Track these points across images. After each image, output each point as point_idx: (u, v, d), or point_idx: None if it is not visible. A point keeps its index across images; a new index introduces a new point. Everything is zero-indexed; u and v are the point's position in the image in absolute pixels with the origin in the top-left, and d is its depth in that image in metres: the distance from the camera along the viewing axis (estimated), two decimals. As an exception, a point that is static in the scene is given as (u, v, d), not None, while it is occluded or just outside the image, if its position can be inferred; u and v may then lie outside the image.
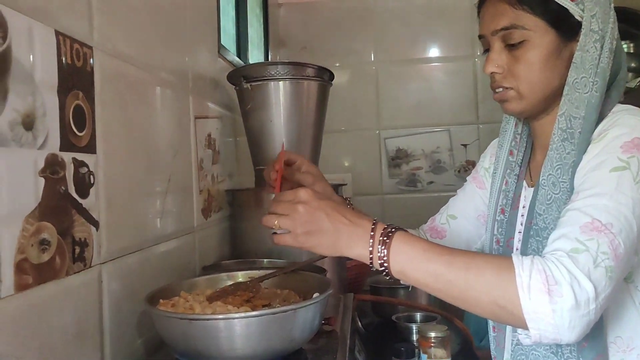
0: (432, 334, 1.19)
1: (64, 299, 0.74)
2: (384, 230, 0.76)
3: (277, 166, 0.95)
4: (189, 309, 0.88)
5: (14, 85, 0.64)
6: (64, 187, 0.74)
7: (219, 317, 0.79)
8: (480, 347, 1.59)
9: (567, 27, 0.85)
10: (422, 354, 1.19)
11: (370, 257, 0.76)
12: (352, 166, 2.69)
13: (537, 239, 0.86)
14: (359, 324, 1.47)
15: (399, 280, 0.77)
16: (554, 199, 0.84)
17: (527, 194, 0.97)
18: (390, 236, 0.75)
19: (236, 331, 0.77)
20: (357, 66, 2.69)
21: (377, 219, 0.79)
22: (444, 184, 2.62)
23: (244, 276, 1.04)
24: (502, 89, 0.90)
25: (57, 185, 0.72)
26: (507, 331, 0.96)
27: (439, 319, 1.49)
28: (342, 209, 0.79)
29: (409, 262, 0.75)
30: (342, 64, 2.63)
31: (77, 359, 0.76)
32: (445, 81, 2.67)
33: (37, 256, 0.68)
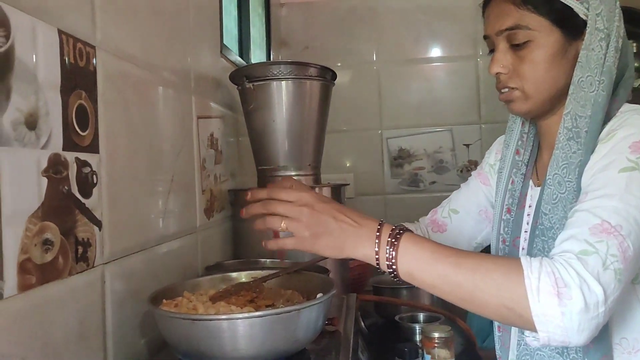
0: (436, 335, 1.18)
1: (67, 299, 0.74)
2: (392, 231, 0.76)
3: None
4: (192, 309, 0.88)
5: (17, 84, 0.64)
6: (67, 187, 0.74)
7: (223, 317, 0.78)
8: (483, 347, 1.58)
9: (572, 26, 0.85)
10: (425, 355, 1.19)
11: (376, 258, 0.75)
12: (354, 166, 2.68)
13: (543, 238, 0.86)
14: (362, 324, 1.46)
15: (405, 281, 0.76)
16: (560, 199, 0.84)
17: (534, 194, 0.96)
18: (398, 238, 0.75)
19: (239, 331, 0.77)
20: (359, 66, 2.69)
21: (383, 220, 0.78)
22: (446, 184, 2.61)
23: (247, 276, 1.04)
24: (507, 90, 0.89)
25: (60, 185, 0.72)
26: (512, 331, 0.96)
27: (442, 319, 1.48)
28: (347, 211, 0.78)
29: (417, 263, 0.74)
30: (343, 64, 2.63)
31: (79, 359, 0.76)
32: (447, 81, 2.67)
33: (40, 256, 0.67)
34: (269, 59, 2.47)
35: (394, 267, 0.75)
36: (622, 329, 0.84)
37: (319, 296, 0.86)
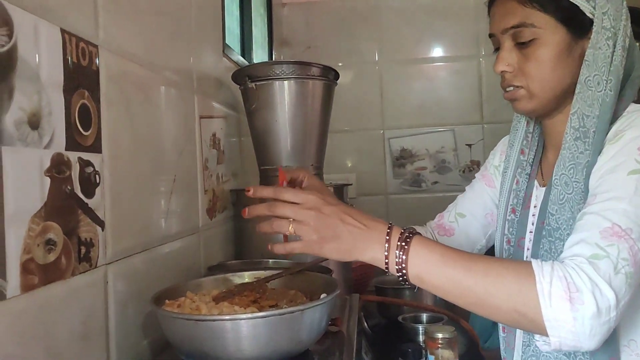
0: (440, 335, 1.18)
1: (70, 300, 0.73)
2: (401, 234, 0.75)
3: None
4: (195, 309, 0.87)
5: (20, 83, 0.64)
6: (69, 187, 0.73)
7: (226, 317, 0.78)
8: (485, 348, 1.58)
9: (578, 25, 0.84)
10: (429, 355, 1.18)
11: (386, 261, 0.74)
12: (356, 166, 2.68)
13: (550, 239, 0.85)
14: (365, 324, 1.46)
15: (414, 285, 0.75)
16: (567, 199, 0.83)
17: (539, 194, 0.96)
18: (408, 241, 0.74)
19: (243, 332, 0.76)
20: (361, 66, 2.68)
21: (392, 223, 0.77)
22: (448, 184, 2.60)
23: (250, 276, 1.03)
24: (512, 88, 0.89)
25: (63, 185, 0.72)
26: (517, 332, 0.95)
27: (445, 319, 1.48)
28: (355, 213, 0.77)
29: (427, 267, 0.73)
30: (345, 64, 2.62)
31: (82, 360, 0.76)
32: (449, 81, 2.66)
33: (43, 256, 0.67)
34: (271, 59, 2.47)
35: (403, 270, 0.74)
36: (630, 331, 0.83)
37: (323, 296, 0.85)
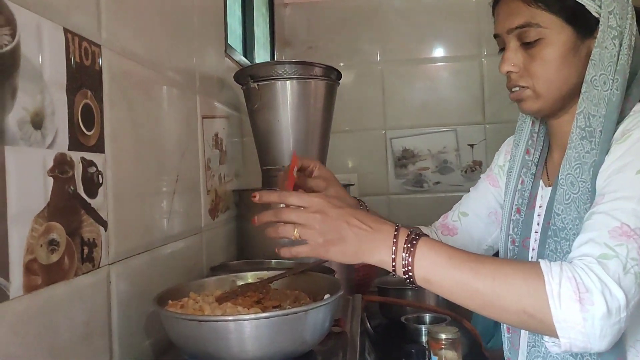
0: (443, 336, 1.17)
1: (73, 300, 0.73)
2: (408, 236, 0.74)
3: (290, 174, 0.92)
4: (199, 310, 0.87)
5: (23, 83, 0.63)
6: (72, 187, 0.73)
7: (229, 318, 0.78)
8: (488, 348, 1.57)
9: (583, 24, 0.84)
10: (432, 356, 1.18)
11: (393, 264, 0.74)
12: (358, 166, 2.67)
13: (556, 239, 0.85)
14: (368, 325, 1.45)
15: (422, 287, 0.75)
16: (573, 199, 0.83)
17: (544, 194, 0.95)
18: (414, 244, 0.73)
19: (246, 333, 0.76)
20: (362, 66, 2.68)
21: (398, 224, 0.76)
22: (450, 184, 2.60)
23: (253, 277, 1.03)
24: (518, 88, 0.88)
25: (65, 185, 0.71)
26: (521, 332, 0.95)
27: (448, 320, 1.47)
28: (361, 215, 0.76)
29: (434, 269, 0.73)
30: (347, 64, 2.62)
31: (85, 361, 0.76)
32: (451, 81, 2.66)
33: (46, 256, 0.67)
34: (273, 59, 2.47)
35: (410, 273, 0.73)
36: (636, 331, 0.82)
37: (326, 297, 0.85)
